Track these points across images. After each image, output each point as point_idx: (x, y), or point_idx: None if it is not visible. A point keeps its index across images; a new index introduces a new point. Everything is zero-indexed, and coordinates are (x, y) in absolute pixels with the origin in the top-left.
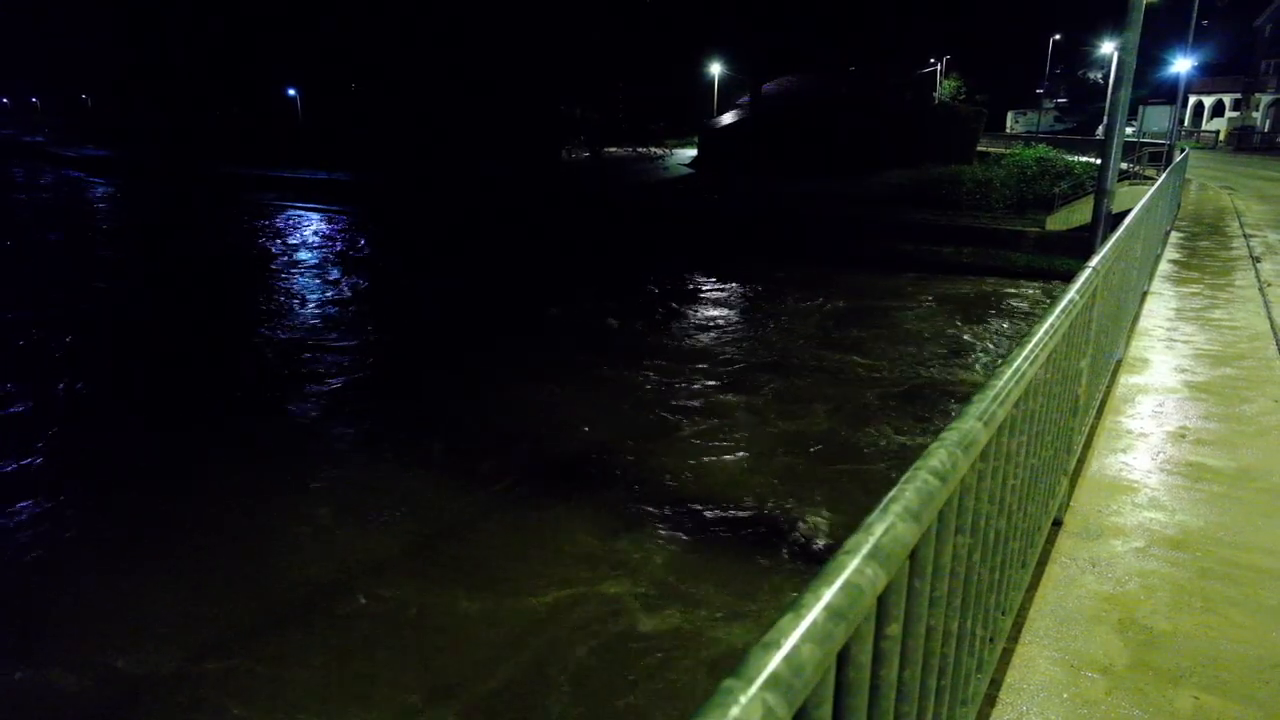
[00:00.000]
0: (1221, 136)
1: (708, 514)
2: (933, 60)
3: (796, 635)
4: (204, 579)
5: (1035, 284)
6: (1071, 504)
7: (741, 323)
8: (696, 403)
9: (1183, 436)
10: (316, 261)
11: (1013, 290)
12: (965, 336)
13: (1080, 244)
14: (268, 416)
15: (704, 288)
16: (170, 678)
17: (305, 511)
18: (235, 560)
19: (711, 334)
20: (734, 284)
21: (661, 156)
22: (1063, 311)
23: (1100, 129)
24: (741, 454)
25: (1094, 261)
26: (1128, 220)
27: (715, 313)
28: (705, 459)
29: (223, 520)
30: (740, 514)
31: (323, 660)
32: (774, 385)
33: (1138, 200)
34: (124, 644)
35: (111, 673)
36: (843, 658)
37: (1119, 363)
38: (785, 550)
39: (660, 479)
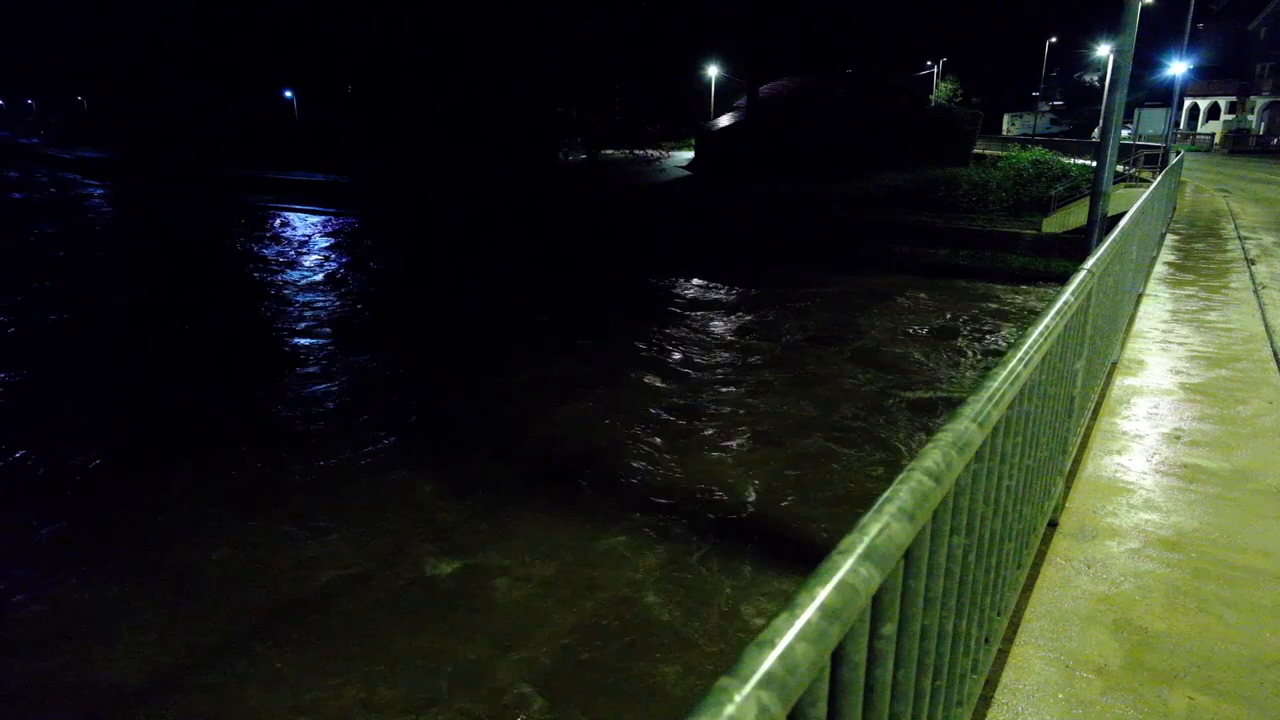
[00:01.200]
0: (1217, 139)
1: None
2: (929, 63)
3: (791, 634)
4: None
5: (1034, 286)
6: (1067, 505)
7: (728, 325)
8: (678, 403)
9: (1178, 438)
10: (311, 263)
11: (1011, 294)
12: (957, 339)
13: (1076, 246)
14: (262, 416)
15: (696, 290)
16: (161, 672)
17: (297, 516)
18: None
19: (697, 337)
20: (726, 286)
21: (659, 159)
22: (1058, 313)
23: (1096, 131)
24: (717, 452)
25: (1089, 263)
26: (1123, 222)
27: (703, 318)
28: (676, 455)
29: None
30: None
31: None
32: (747, 391)
33: (1133, 203)
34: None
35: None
36: (838, 657)
37: (1114, 364)
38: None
39: (633, 465)
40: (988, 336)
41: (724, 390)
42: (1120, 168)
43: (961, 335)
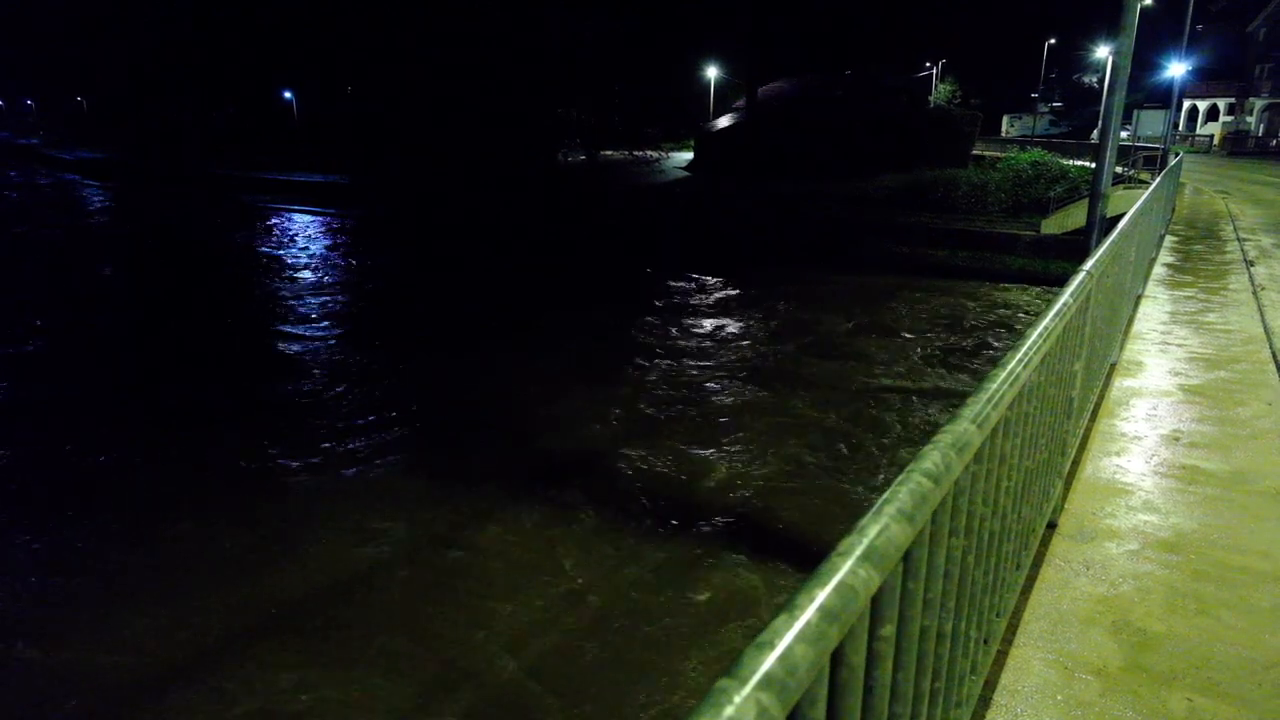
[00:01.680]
0: (1216, 141)
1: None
2: (928, 64)
3: (790, 636)
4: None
5: (1032, 287)
6: (1066, 506)
7: (726, 325)
8: (677, 399)
9: (1176, 439)
10: (310, 263)
11: (1009, 295)
12: (953, 339)
13: (1075, 247)
14: (260, 415)
15: (694, 290)
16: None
17: (292, 514)
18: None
19: (694, 337)
20: (725, 286)
21: (658, 159)
22: (1057, 314)
23: (1095, 133)
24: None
25: (1088, 265)
26: (1122, 224)
27: (700, 318)
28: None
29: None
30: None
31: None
32: (741, 389)
33: (1133, 204)
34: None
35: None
36: (836, 659)
37: (1113, 366)
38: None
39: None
40: (984, 337)
41: (718, 388)
42: (1119, 169)
43: (958, 335)
